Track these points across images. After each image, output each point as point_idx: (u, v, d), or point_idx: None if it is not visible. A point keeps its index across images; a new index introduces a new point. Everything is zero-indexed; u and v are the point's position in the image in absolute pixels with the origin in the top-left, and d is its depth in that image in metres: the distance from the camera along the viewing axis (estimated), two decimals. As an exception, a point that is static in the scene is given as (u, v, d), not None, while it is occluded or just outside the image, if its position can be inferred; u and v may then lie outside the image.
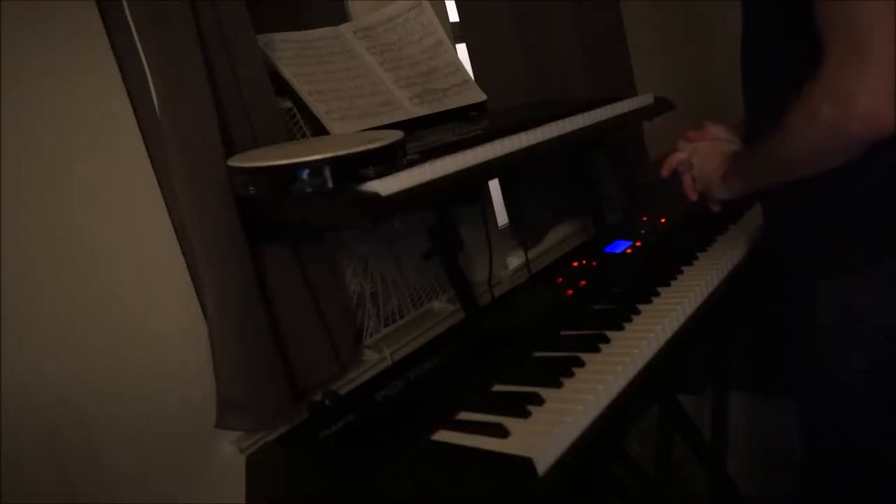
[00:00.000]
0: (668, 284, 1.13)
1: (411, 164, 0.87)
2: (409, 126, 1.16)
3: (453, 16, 1.49)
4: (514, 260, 1.56)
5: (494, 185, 1.54)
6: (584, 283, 1.21)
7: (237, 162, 0.89)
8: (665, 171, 1.18)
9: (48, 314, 0.85)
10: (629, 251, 1.33)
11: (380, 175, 0.83)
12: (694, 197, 1.15)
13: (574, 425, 0.79)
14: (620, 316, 1.03)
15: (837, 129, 0.78)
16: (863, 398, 0.93)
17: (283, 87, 1.09)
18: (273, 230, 1.00)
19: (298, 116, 1.12)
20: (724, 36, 1.97)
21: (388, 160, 0.85)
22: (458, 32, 1.49)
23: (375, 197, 0.81)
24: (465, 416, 0.85)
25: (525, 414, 0.81)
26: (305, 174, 0.82)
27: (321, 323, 1.07)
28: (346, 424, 0.89)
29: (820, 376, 0.98)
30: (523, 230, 1.51)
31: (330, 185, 0.82)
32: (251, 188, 0.88)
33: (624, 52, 1.81)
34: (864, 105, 0.74)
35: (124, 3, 0.86)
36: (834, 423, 0.99)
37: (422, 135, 1.10)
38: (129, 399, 0.91)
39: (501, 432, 0.78)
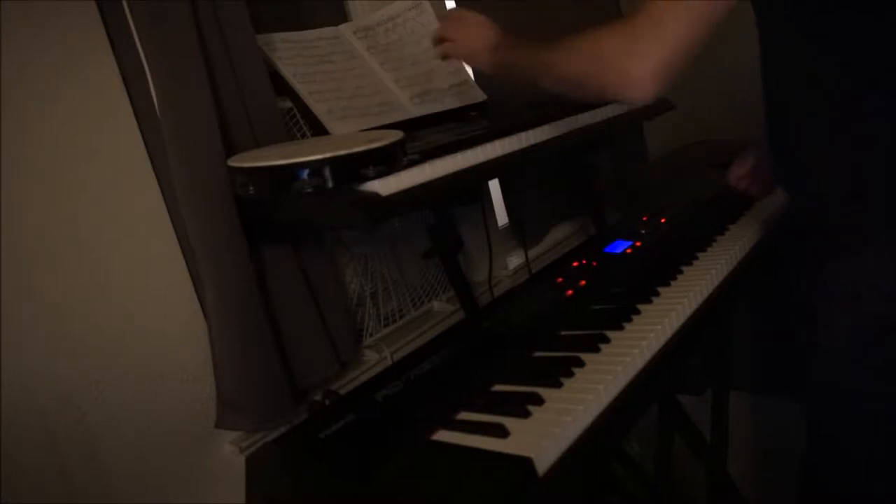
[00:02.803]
0: (668, 284, 1.13)
1: (411, 164, 0.87)
2: (409, 126, 1.16)
3: (453, 16, 1.49)
4: (514, 260, 1.56)
5: (494, 185, 1.54)
6: (584, 283, 1.21)
7: (237, 162, 0.89)
8: None
9: (48, 314, 0.85)
10: (629, 251, 1.33)
11: (380, 175, 0.83)
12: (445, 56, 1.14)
13: (574, 425, 0.79)
14: (620, 316, 1.03)
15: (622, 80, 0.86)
16: (853, 379, 0.91)
17: (283, 87, 1.09)
18: (273, 230, 1.00)
19: (298, 116, 1.12)
20: (724, 36, 1.98)
21: (388, 160, 0.85)
22: (458, 32, 1.48)
23: (375, 197, 0.81)
24: (465, 416, 0.85)
25: (525, 414, 0.81)
26: (305, 174, 0.82)
27: (321, 323, 1.07)
28: (346, 424, 0.89)
29: (815, 363, 0.97)
30: (523, 230, 1.51)
31: (330, 185, 0.82)
32: (251, 188, 0.88)
33: (624, 52, 1.81)
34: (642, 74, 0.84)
35: (124, 3, 0.86)
36: (827, 406, 0.97)
37: (422, 135, 1.10)
38: (129, 399, 0.91)
39: (501, 432, 0.78)
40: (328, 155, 0.82)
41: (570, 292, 1.19)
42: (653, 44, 0.84)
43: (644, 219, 1.47)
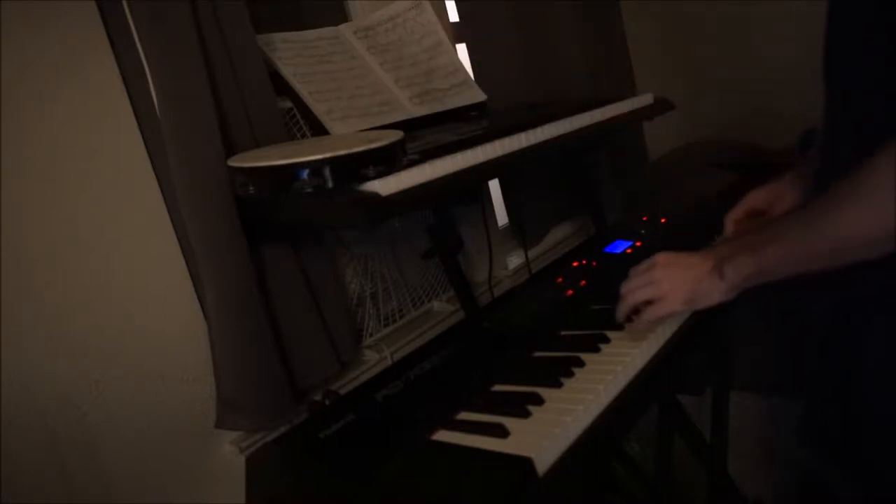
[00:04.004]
0: (669, 284, 1.13)
1: (411, 164, 0.87)
2: (409, 126, 1.16)
3: (453, 16, 1.49)
4: (514, 260, 1.56)
5: (494, 185, 1.54)
6: (584, 283, 1.21)
7: (237, 162, 0.89)
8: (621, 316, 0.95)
9: (48, 314, 0.85)
10: (629, 251, 1.33)
11: (380, 175, 0.83)
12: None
13: (574, 425, 0.79)
14: (620, 316, 1.02)
15: None
16: None
17: (283, 87, 1.09)
18: (273, 230, 1.00)
19: (298, 116, 1.12)
20: (724, 36, 1.98)
21: (388, 160, 0.85)
22: (458, 32, 1.49)
23: (375, 197, 0.81)
24: (465, 416, 0.85)
25: (525, 414, 0.81)
26: (305, 174, 0.82)
27: (321, 323, 1.07)
28: (346, 424, 0.89)
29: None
30: (523, 230, 1.51)
31: (330, 185, 0.82)
32: (251, 188, 0.88)
33: (624, 52, 1.82)
34: None
35: (124, 3, 0.86)
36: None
37: (422, 135, 1.10)
38: (129, 399, 0.92)
39: (501, 432, 0.78)
40: (328, 155, 0.82)
41: (570, 292, 1.19)
42: None
43: (644, 219, 1.47)
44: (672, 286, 0.88)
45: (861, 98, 0.70)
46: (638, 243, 1.35)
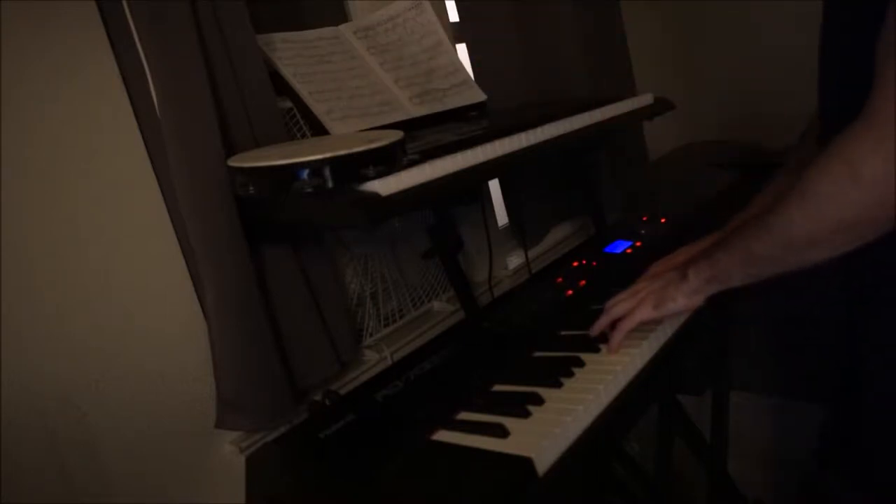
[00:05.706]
0: (668, 284, 1.13)
1: (411, 164, 0.87)
2: (409, 126, 1.16)
3: (453, 16, 1.49)
4: (514, 260, 1.56)
5: (494, 185, 1.54)
6: (584, 283, 1.21)
7: (237, 162, 0.89)
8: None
9: (48, 314, 0.85)
10: (629, 251, 1.33)
11: (380, 175, 0.83)
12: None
13: (574, 425, 0.79)
14: (620, 316, 1.02)
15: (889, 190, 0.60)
16: None
17: (283, 87, 1.09)
18: (273, 230, 1.00)
19: (298, 116, 1.12)
20: (724, 36, 1.98)
21: (388, 160, 0.85)
22: (458, 32, 1.49)
23: (375, 197, 0.81)
24: (465, 416, 0.85)
25: (525, 414, 0.81)
26: (305, 174, 0.82)
27: (321, 323, 1.07)
28: (346, 424, 0.89)
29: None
30: (523, 230, 1.51)
31: (330, 185, 0.82)
32: (251, 188, 0.88)
33: (624, 52, 1.82)
34: None
35: (124, 3, 0.86)
36: None
37: (422, 135, 1.10)
38: (129, 399, 0.92)
39: (501, 432, 0.78)
40: (328, 155, 0.82)
41: (570, 292, 1.19)
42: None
43: (644, 219, 1.47)
44: (647, 294, 0.92)
45: (847, 99, 0.71)
46: (638, 243, 1.35)
